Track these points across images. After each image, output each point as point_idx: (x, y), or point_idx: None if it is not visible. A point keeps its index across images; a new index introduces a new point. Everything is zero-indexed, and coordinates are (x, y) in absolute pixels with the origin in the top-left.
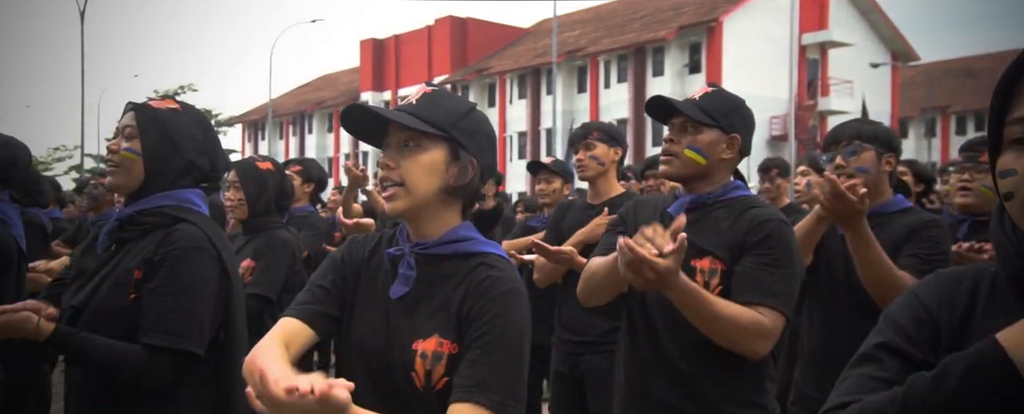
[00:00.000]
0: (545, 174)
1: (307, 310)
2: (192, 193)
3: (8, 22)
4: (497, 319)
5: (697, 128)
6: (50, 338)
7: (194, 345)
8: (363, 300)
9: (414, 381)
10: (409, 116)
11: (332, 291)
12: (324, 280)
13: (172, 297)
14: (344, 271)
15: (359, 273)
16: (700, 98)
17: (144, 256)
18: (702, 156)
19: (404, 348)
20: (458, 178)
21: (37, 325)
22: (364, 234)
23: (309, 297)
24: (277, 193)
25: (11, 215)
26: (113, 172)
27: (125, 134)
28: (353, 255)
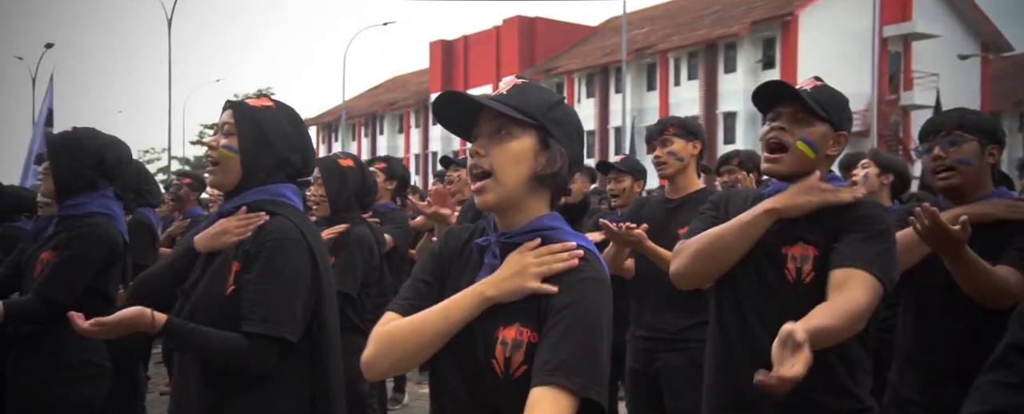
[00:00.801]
0: (614, 173)
1: (409, 304)
2: (286, 187)
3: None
4: (576, 304)
5: (810, 120)
6: (163, 329)
7: (290, 333)
8: (453, 289)
9: (495, 368)
10: (501, 104)
11: (433, 284)
12: (424, 274)
13: (269, 287)
14: (441, 263)
15: (452, 263)
16: (811, 90)
17: (242, 248)
18: (813, 149)
19: (487, 335)
20: (547, 167)
21: (152, 318)
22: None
23: (411, 292)
24: (358, 190)
25: (117, 211)
26: (213, 171)
27: (223, 131)
28: (449, 246)
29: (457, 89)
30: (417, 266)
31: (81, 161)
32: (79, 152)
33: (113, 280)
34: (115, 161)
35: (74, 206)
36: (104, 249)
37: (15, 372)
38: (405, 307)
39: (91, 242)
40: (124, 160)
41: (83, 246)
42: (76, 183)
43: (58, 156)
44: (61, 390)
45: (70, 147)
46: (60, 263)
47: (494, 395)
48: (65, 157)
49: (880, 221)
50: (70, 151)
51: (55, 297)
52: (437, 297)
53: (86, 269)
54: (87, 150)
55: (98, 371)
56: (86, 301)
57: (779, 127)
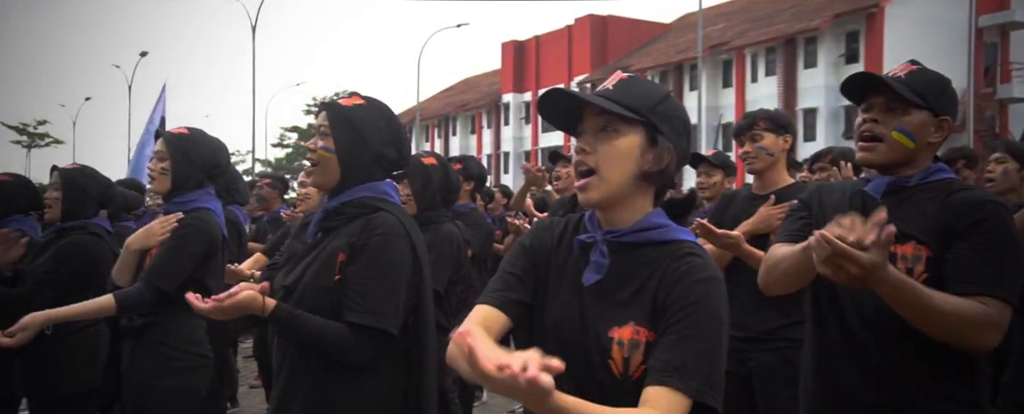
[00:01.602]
0: (705, 167)
1: (499, 297)
2: (387, 185)
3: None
4: (697, 305)
5: (905, 109)
6: (272, 314)
7: (391, 325)
8: (554, 286)
9: (611, 368)
10: (607, 100)
11: (523, 278)
12: (514, 267)
13: (373, 279)
14: (534, 257)
15: (549, 259)
16: (905, 76)
17: (348, 241)
18: (910, 139)
19: (599, 335)
20: (654, 164)
21: (263, 302)
22: (547, 220)
23: (501, 284)
24: (443, 188)
25: (218, 207)
26: (313, 172)
27: (320, 132)
28: (541, 241)
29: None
30: (506, 259)
31: (195, 161)
32: (194, 152)
33: (212, 272)
34: (214, 162)
35: (180, 202)
36: (205, 242)
37: (131, 364)
38: (496, 299)
39: (194, 235)
40: (226, 161)
41: (186, 239)
42: (188, 181)
43: (175, 155)
44: (173, 381)
45: (187, 147)
46: (164, 254)
47: (610, 396)
48: (181, 156)
49: (1002, 227)
50: (186, 151)
51: (160, 285)
52: (528, 290)
53: (188, 260)
54: (202, 150)
55: (203, 362)
56: (187, 290)
57: (872, 119)
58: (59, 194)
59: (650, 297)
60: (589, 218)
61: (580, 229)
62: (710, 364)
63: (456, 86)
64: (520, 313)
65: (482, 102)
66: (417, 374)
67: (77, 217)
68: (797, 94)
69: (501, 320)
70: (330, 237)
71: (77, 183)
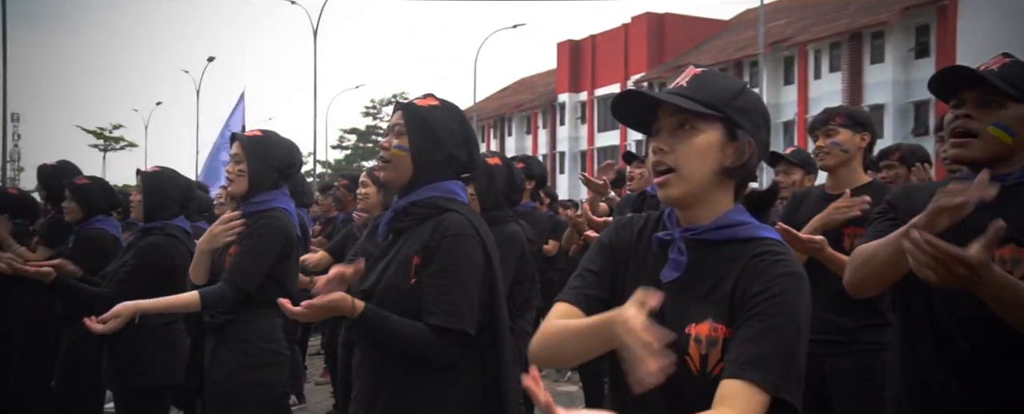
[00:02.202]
0: (784, 165)
1: (579, 294)
2: (455, 184)
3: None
4: (775, 298)
5: (1001, 103)
6: (360, 315)
7: (469, 325)
8: (633, 283)
9: (689, 365)
10: (683, 98)
11: (601, 275)
12: (593, 264)
13: (448, 281)
14: (613, 254)
15: (628, 256)
16: (999, 69)
17: (421, 243)
18: (1008, 134)
19: (677, 332)
20: (735, 159)
21: (352, 303)
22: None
23: (580, 282)
24: (507, 188)
25: (292, 208)
26: (385, 168)
27: (395, 131)
28: (621, 238)
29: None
30: (586, 256)
31: (269, 162)
32: (269, 153)
33: (289, 270)
34: (289, 164)
35: (256, 203)
36: (281, 241)
37: (212, 360)
38: (575, 296)
39: (270, 235)
40: (299, 162)
41: (263, 238)
42: (264, 182)
43: (251, 157)
44: (253, 377)
45: (262, 149)
46: (243, 253)
47: (688, 393)
48: (256, 158)
49: None
50: (261, 152)
51: (240, 284)
52: (606, 287)
53: (266, 259)
54: (276, 151)
55: (280, 358)
56: (266, 289)
57: (964, 114)
58: (141, 196)
59: (729, 293)
60: (668, 215)
61: (659, 226)
62: (788, 359)
63: (512, 86)
64: (599, 310)
65: (538, 102)
66: (495, 373)
67: (158, 218)
68: (863, 90)
69: (580, 316)
70: (403, 239)
71: (157, 186)
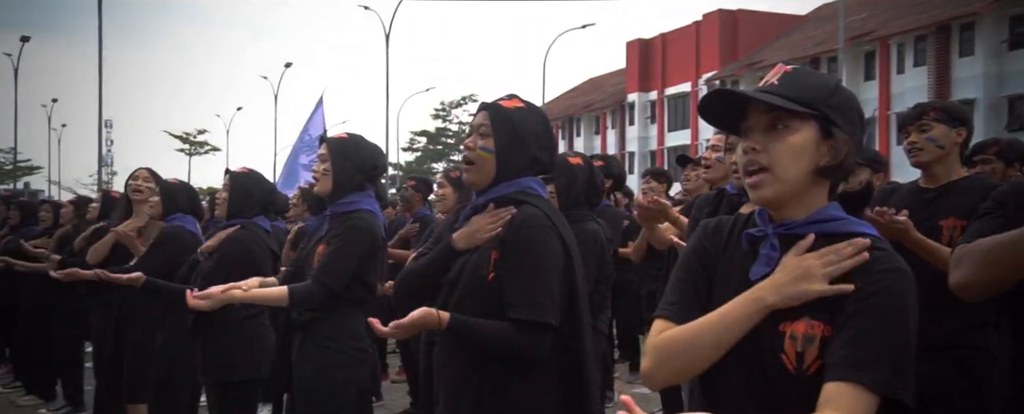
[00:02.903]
0: None
1: (679, 311)
2: (532, 180)
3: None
4: (881, 295)
5: None
6: (448, 326)
7: (551, 317)
8: (722, 282)
9: (784, 363)
10: (776, 96)
11: (698, 284)
12: (687, 273)
13: (527, 274)
14: (705, 259)
15: (718, 258)
16: None
17: (498, 237)
18: None
19: (770, 330)
20: (830, 157)
21: (438, 317)
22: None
23: (678, 296)
24: (587, 187)
25: (377, 209)
26: (469, 170)
27: (480, 132)
28: (711, 239)
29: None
30: (678, 265)
31: (354, 163)
32: (354, 155)
33: (374, 271)
34: (372, 166)
35: (343, 204)
36: (368, 242)
37: (299, 356)
38: (675, 312)
39: (357, 235)
40: (383, 164)
41: (350, 239)
42: (349, 184)
43: (336, 158)
44: (340, 374)
45: (348, 151)
46: (331, 253)
47: (782, 392)
48: (343, 160)
49: None
50: (347, 154)
51: (329, 283)
52: (705, 295)
53: (352, 259)
54: (361, 154)
55: (365, 356)
56: (352, 288)
57: None
58: (227, 194)
59: None
60: (759, 213)
61: (749, 224)
62: (898, 356)
63: (580, 86)
64: None
65: (607, 102)
66: (577, 367)
67: (241, 216)
68: (951, 85)
69: None
70: None
71: (244, 185)
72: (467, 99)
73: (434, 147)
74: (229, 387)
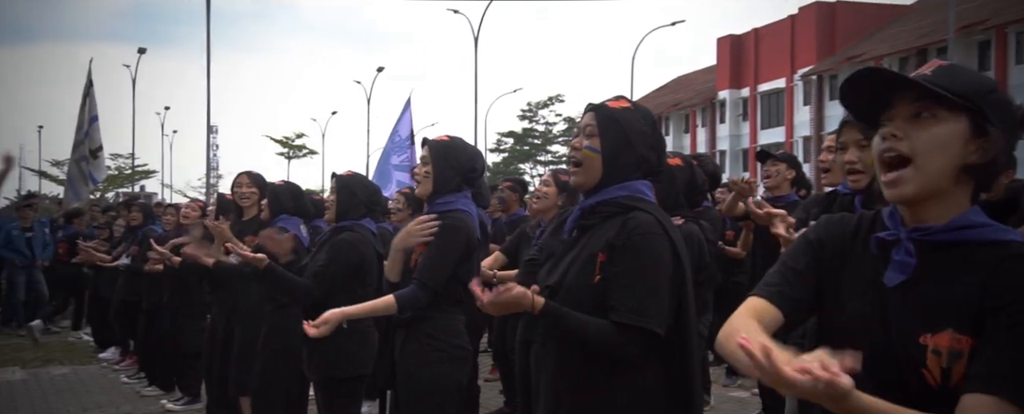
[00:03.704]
0: None
1: (776, 292)
2: (643, 184)
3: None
4: None
5: None
6: (541, 311)
7: (656, 324)
8: (849, 286)
9: (927, 378)
10: (932, 83)
11: (805, 274)
12: (796, 262)
13: (635, 279)
14: (820, 253)
15: (839, 257)
16: None
17: (607, 240)
18: None
19: (907, 342)
20: (979, 155)
21: (532, 299)
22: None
23: (779, 278)
24: (686, 188)
25: (473, 210)
26: (576, 171)
27: (586, 132)
28: (831, 236)
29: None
30: (788, 252)
31: (453, 165)
32: (453, 157)
33: (470, 270)
34: (480, 170)
35: (441, 204)
36: (464, 242)
37: (402, 354)
38: (772, 294)
39: (454, 235)
40: (481, 167)
41: (448, 238)
42: (448, 184)
43: (437, 160)
44: (440, 370)
45: (447, 152)
46: (429, 254)
47: (919, 407)
48: (443, 162)
49: None
50: (446, 156)
51: (429, 283)
52: (809, 288)
53: (451, 258)
54: (462, 158)
55: (465, 354)
56: (450, 287)
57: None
58: (334, 197)
59: (974, 302)
60: (889, 214)
61: (876, 226)
62: None
63: (668, 85)
64: (797, 311)
65: (696, 100)
66: (683, 374)
67: (349, 218)
68: None
69: (775, 316)
70: (587, 236)
71: (350, 187)
72: (553, 99)
73: (521, 148)
74: (336, 383)
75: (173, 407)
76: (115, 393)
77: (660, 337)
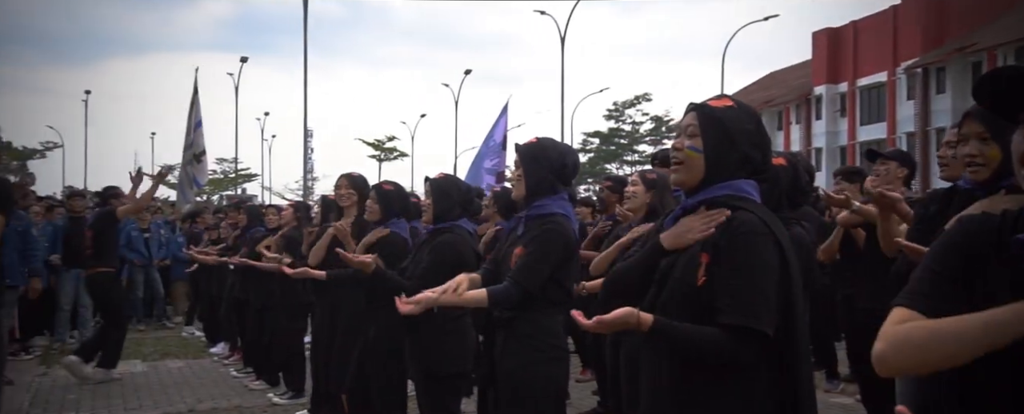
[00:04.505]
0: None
1: (925, 302)
2: (747, 183)
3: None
4: None
5: None
6: (651, 328)
7: (765, 325)
8: (993, 288)
9: None
10: None
11: (957, 280)
12: (945, 267)
13: (741, 279)
14: (968, 256)
15: (986, 260)
16: None
17: (711, 240)
18: None
19: None
20: None
21: (638, 318)
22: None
23: (931, 288)
24: (790, 189)
25: (571, 212)
26: (677, 170)
27: (687, 132)
28: (976, 237)
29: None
30: (933, 257)
31: (546, 167)
32: (543, 157)
33: (569, 274)
34: (572, 167)
35: (538, 207)
36: (562, 246)
37: (502, 353)
38: (924, 304)
39: (552, 238)
40: (573, 163)
41: (545, 242)
42: (541, 186)
43: (527, 162)
44: (541, 370)
45: (537, 154)
46: (528, 256)
47: None
48: (533, 163)
49: None
50: (536, 156)
51: (525, 284)
52: (961, 296)
53: (548, 262)
54: (551, 156)
55: (563, 354)
56: (549, 291)
57: None
58: (430, 200)
59: None
60: None
61: (1019, 226)
62: None
63: (760, 81)
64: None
65: (790, 96)
66: (793, 379)
67: (445, 219)
68: None
69: None
70: None
71: (444, 189)
72: (640, 99)
73: (607, 148)
74: (436, 380)
75: (279, 401)
76: (225, 386)
77: (770, 338)
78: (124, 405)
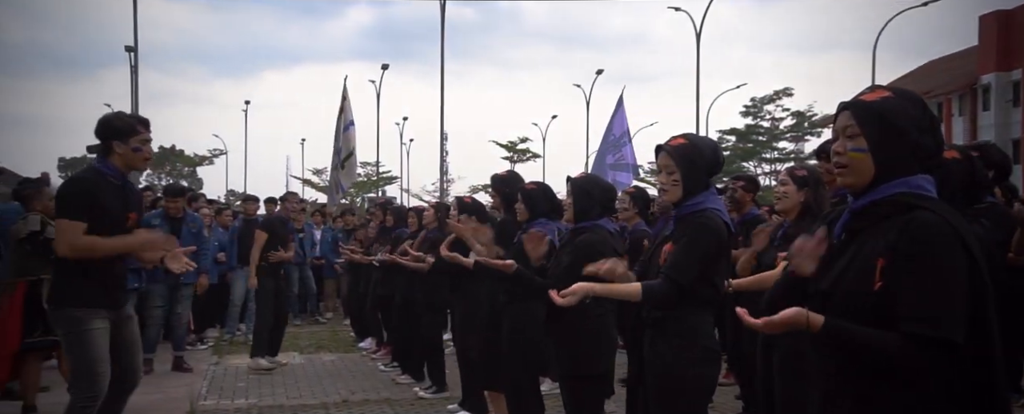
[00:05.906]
0: None
1: None
2: (922, 179)
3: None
4: None
5: None
6: (822, 329)
7: (953, 334)
8: None
9: None
10: None
11: None
12: None
13: (924, 285)
14: None
15: None
16: None
17: (887, 244)
18: None
19: None
20: None
21: (807, 318)
22: None
23: None
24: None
25: (721, 207)
26: (842, 173)
27: (846, 134)
28: None
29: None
30: None
31: (698, 163)
32: (697, 156)
33: (720, 271)
34: (719, 161)
35: (690, 205)
36: (715, 242)
37: (651, 353)
38: None
39: (704, 233)
40: (722, 159)
41: (697, 236)
42: (696, 186)
43: (682, 164)
44: (691, 370)
45: (692, 155)
46: (679, 250)
47: None
48: (689, 165)
49: None
50: (691, 157)
51: (677, 279)
52: None
53: (700, 256)
54: (703, 152)
55: (714, 355)
56: (699, 289)
57: None
58: (572, 199)
59: None
60: None
61: None
62: None
63: (916, 71)
64: None
65: (952, 86)
66: (986, 392)
67: (587, 219)
68: None
69: None
70: (860, 239)
71: (584, 190)
72: (780, 93)
73: (744, 145)
74: (577, 380)
75: (424, 395)
76: (375, 379)
77: (959, 348)
78: (286, 393)
